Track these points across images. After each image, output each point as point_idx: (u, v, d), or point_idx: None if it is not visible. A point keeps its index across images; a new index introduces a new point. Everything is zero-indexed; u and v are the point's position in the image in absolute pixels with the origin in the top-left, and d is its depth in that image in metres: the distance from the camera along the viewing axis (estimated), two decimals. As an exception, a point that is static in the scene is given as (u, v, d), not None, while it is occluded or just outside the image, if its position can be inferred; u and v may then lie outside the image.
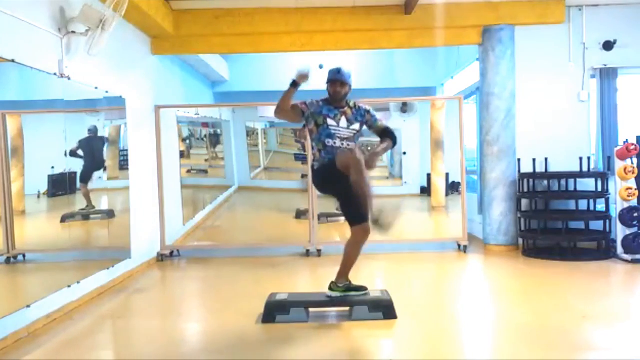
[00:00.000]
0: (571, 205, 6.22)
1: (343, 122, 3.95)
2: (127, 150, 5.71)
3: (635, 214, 5.70)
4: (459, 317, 4.21)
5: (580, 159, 6.18)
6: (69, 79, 4.31)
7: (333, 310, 4.07)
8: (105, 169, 5.43)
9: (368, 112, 4.06)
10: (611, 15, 6.39)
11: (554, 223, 6.14)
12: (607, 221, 5.90)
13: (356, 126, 3.98)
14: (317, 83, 4.17)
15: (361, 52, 9.47)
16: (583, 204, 6.20)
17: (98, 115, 5.31)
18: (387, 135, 4.02)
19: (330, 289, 3.99)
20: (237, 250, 6.80)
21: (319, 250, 6.36)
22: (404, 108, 11.36)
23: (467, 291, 5.08)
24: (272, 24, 6.35)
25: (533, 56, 6.44)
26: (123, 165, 5.70)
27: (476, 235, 7.17)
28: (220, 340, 3.67)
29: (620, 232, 5.75)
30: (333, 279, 4.02)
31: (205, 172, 9.83)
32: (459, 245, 6.44)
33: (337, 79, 3.96)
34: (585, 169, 6.20)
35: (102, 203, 5.35)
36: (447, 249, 6.55)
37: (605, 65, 6.43)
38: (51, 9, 4.20)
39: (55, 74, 4.18)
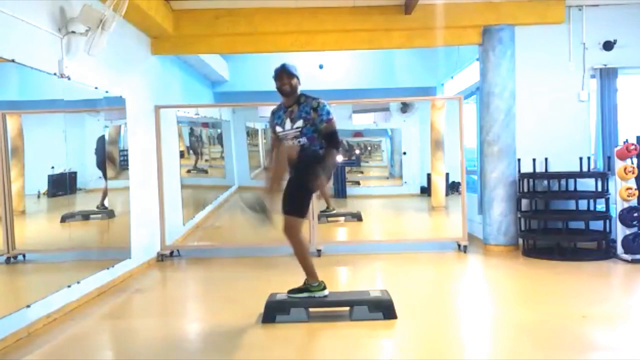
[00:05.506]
0: (571, 205, 6.22)
1: (288, 124, 3.87)
2: (127, 150, 5.71)
3: (635, 214, 5.70)
4: (459, 317, 4.22)
5: (580, 159, 6.18)
6: (69, 79, 4.32)
7: (333, 310, 4.07)
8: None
9: (315, 109, 3.81)
10: (611, 15, 6.39)
11: (554, 223, 6.14)
12: (607, 221, 5.90)
13: (299, 123, 3.81)
14: (318, 83, 4.17)
15: (361, 52, 9.48)
16: (583, 204, 6.19)
17: (98, 115, 5.31)
18: (328, 142, 3.83)
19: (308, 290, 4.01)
20: (237, 250, 6.80)
21: (319, 250, 6.35)
22: (404, 108, 11.40)
23: (467, 291, 5.08)
24: (272, 24, 6.35)
25: (533, 56, 6.44)
26: (123, 165, 5.70)
27: (476, 235, 7.17)
28: (220, 340, 3.67)
29: (620, 232, 5.74)
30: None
31: (205, 172, 9.84)
32: (459, 245, 6.44)
33: (282, 70, 3.86)
34: (585, 169, 6.20)
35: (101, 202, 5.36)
36: (447, 249, 6.55)
37: (605, 65, 6.43)
38: (51, 9, 4.20)
39: (55, 74, 4.18)
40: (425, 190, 10.71)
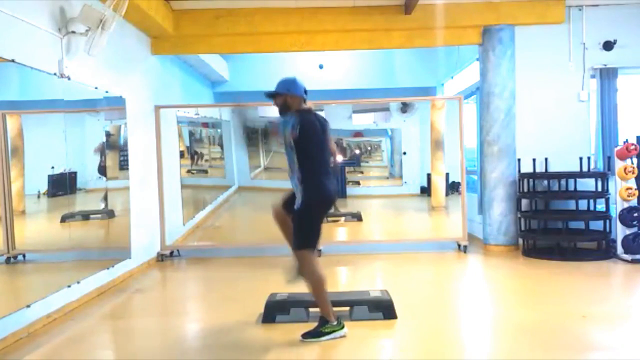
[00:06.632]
0: (571, 205, 6.22)
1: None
2: (127, 150, 5.71)
3: (635, 214, 5.70)
4: (459, 317, 4.22)
5: (580, 159, 6.18)
6: (69, 79, 4.31)
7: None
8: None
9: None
10: (611, 15, 6.39)
11: (554, 223, 6.14)
12: (607, 221, 5.90)
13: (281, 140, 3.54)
14: (317, 83, 4.14)
15: (361, 52, 9.48)
16: (583, 204, 6.19)
17: (98, 115, 5.31)
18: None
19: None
20: (237, 250, 6.80)
21: (319, 250, 6.33)
22: (404, 108, 11.41)
23: (467, 291, 5.08)
24: (272, 24, 6.35)
25: (533, 56, 6.44)
26: (123, 165, 5.70)
27: (476, 235, 7.17)
28: (220, 340, 3.67)
29: (620, 232, 5.74)
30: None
31: (205, 172, 9.83)
32: (459, 245, 6.44)
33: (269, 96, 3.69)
34: (585, 169, 6.20)
35: (102, 203, 5.36)
36: (447, 249, 6.55)
37: (605, 65, 6.43)
38: (51, 9, 4.20)
39: (55, 74, 4.18)
40: (425, 190, 10.71)
